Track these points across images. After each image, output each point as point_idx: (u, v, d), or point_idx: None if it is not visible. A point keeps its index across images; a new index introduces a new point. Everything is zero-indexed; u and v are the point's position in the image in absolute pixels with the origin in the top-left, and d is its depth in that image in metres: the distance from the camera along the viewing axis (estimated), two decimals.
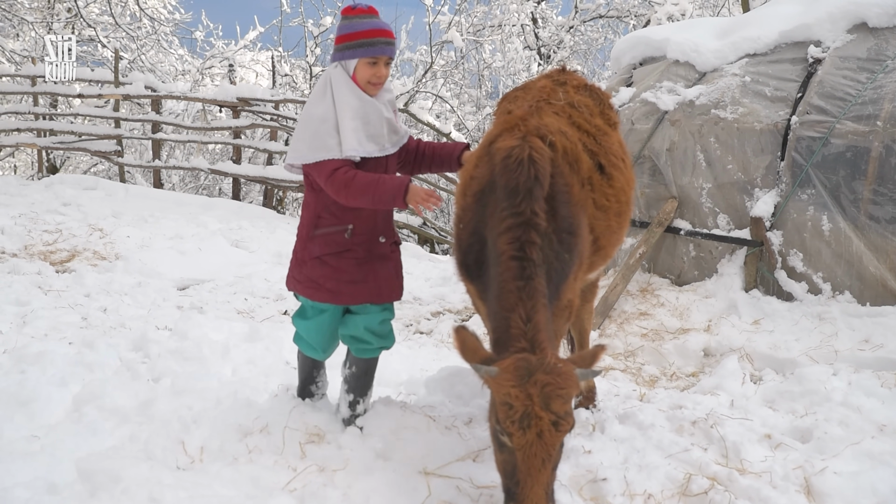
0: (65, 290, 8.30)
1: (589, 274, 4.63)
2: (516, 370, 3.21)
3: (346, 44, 4.04)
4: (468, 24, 25.60)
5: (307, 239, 4.23)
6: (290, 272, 4.39)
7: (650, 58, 10.47)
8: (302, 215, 4.29)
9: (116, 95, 16.59)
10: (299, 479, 3.86)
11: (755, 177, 8.28)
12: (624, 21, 24.82)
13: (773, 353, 6.74)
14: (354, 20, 4.05)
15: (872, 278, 7.33)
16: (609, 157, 4.51)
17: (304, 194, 4.29)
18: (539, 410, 3.13)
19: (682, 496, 3.92)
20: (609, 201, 4.39)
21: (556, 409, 3.15)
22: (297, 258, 4.32)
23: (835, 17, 8.58)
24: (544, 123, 4.14)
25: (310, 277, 4.21)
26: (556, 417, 3.14)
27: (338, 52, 4.09)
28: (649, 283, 8.86)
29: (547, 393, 3.15)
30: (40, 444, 4.25)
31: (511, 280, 3.55)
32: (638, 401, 5.64)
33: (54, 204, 12.52)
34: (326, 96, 4.04)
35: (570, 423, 3.19)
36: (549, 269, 3.70)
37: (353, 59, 4.05)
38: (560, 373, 3.20)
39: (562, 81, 5.08)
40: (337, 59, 4.10)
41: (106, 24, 22.42)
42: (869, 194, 7.38)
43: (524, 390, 3.16)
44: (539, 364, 3.22)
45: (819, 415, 5.06)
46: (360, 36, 4.01)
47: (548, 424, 3.13)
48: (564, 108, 4.64)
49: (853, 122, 7.59)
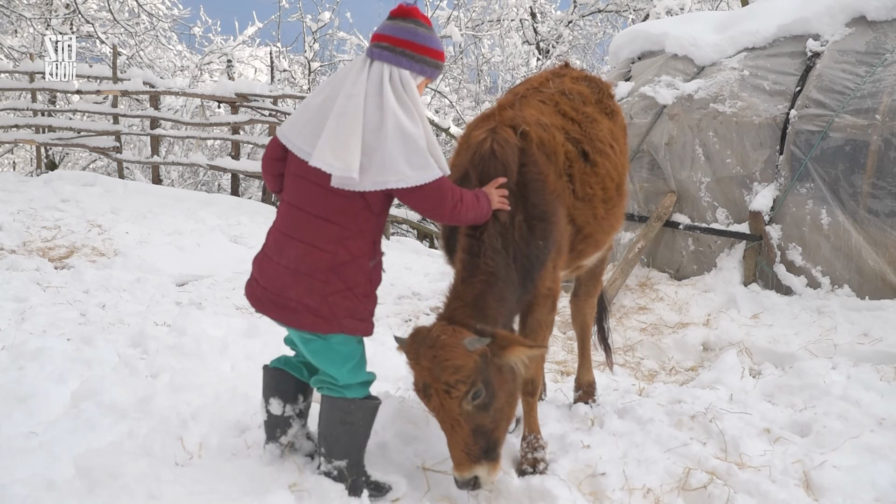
0: (63, 286, 8.29)
1: (581, 261, 4.64)
2: (412, 345, 3.58)
3: (427, 59, 3.63)
4: (467, 18, 25.57)
5: (368, 271, 3.65)
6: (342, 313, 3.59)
7: (649, 52, 10.47)
8: (350, 245, 3.57)
9: (115, 91, 16.56)
10: (298, 474, 3.86)
11: (754, 171, 8.27)
12: (622, 15, 24.78)
13: (772, 347, 6.74)
14: (433, 34, 3.68)
15: (871, 272, 7.33)
16: (594, 144, 4.51)
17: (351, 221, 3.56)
18: (433, 381, 3.50)
19: (681, 490, 3.92)
20: (593, 188, 4.40)
21: (446, 379, 3.45)
22: (356, 294, 3.61)
23: (833, 10, 8.58)
24: (521, 114, 4.23)
25: (372, 312, 3.73)
26: (446, 386, 3.47)
27: (414, 61, 3.60)
28: (648, 278, 8.86)
29: (435, 365, 3.47)
30: (38, 440, 4.25)
31: (459, 257, 3.84)
32: (637, 395, 5.64)
33: (53, 200, 12.50)
34: (412, 110, 3.54)
35: (460, 389, 3.46)
36: (518, 255, 3.85)
37: (422, 76, 3.67)
38: (444, 345, 3.47)
39: (561, 74, 5.14)
40: (409, 68, 3.59)
41: (104, 20, 22.39)
42: (868, 188, 7.38)
43: (419, 363, 3.55)
44: (426, 338, 3.53)
45: (818, 409, 5.06)
46: (440, 57, 3.70)
47: (442, 393, 3.49)
48: (553, 95, 4.70)
49: (852, 116, 7.58)
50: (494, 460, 3.62)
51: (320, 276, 3.54)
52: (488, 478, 3.62)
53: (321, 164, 3.42)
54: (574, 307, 5.41)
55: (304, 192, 3.61)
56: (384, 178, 3.43)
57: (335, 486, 3.71)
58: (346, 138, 3.41)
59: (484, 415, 3.57)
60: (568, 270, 4.67)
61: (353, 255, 3.58)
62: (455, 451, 3.57)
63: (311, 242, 3.56)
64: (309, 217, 3.58)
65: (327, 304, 3.54)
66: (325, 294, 3.53)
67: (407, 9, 3.67)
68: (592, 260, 4.86)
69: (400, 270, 11.15)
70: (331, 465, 3.73)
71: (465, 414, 3.52)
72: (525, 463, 4.07)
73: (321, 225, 3.55)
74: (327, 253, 3.54)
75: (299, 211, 3.62)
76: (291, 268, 3.58)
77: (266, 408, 3.96)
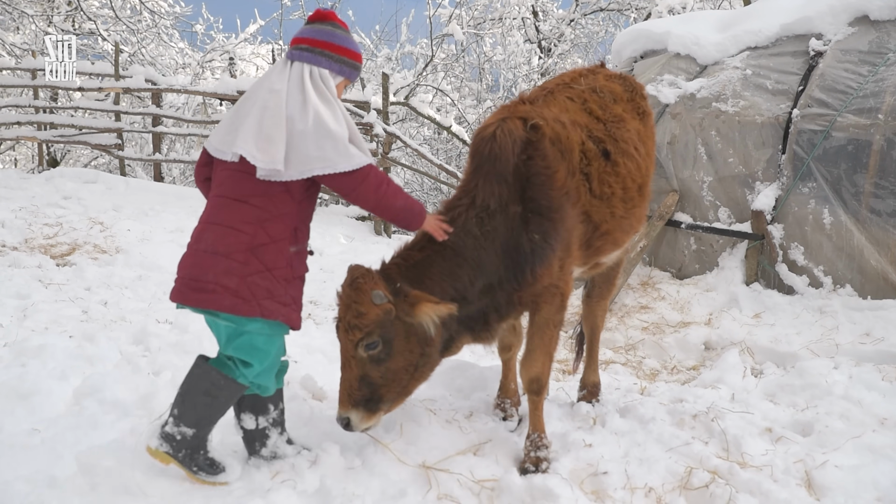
0: (65, 283, 8.29)
1: (599, 258, 4.66)
2: (347, 276, 3.81)
3: (345, 59, 3.79)
4: (469, 17, 25.53)
5: (288, 254, 3.67)
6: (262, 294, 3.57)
7: (651, 51, 10.46)
8: (269, 227, 3.61)
9: (117, 89, 16.54)
10: (299, 472, 3.86)
11: (756, 170, 8.27)
12: (625, 14, 24.75)
13: (773, 347, 6.74)
14: (350, 36, 3.84)
15: (873, 272, 7.33)
16: (618, 145, 4.53)
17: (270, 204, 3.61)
18: (341, 315, 3.78)
19: (682, 490, 3.92)
20: (612, 187, 4.43)
21: (349, 319, 3.70)
22: (276, 276, 3.61)
23: (836, 10, 8.57)
24: (538, 110, 4.27)
25: (295, 298, 3.72)
26: (347, 326, 3.72)
27: (333, 61, 3.75)
28: (650, 277, 8.86)
29: (345, 303, 3.74)
30: (41, 437, 4.25)
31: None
32: (639, 394, 5.64)
33: (55, 197, 12.48)
34: (333, 104, 3.68)
35: (355, 335, 3.69)
36: (506, 246, 3.95)
37: (341, 76, 3.81)
38: (356, 287, 3.70)
39: (595, 71, 5.18)
40: (328, 68, 3.74)
41: (106, 18, 22.39)
42: (870, 187, 7.37)
43: (340, 297, 3.80)
44: (350, 277, 3.76)
45: (820, 408, 5.06)
46: (358, 58, 3.85)
47: (343, 330, 3.75)
48: (582, 93, 4.73)
49: (854, 115, 7.58)
50: (372, 412, 3.81)
51: (239, 257, 3.54)
52: (360, 424, 3.78)
53: (244, 152, 3.52)
54: (586, 308, 5.41)
55: (224, 179, 3.69)
56: (310, 166, 3.54)
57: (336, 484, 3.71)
58: (271, 131, 3.53)
59: (374, 367, 3.76)
60: (586, 268, 4.68)
61: (273, 237, 3.61)
62: (341, 388, 3.79)
63: (229, 224, 3.59)
64: (228, 201, 3.63)
65: (246, 285, 3.53)
66: (244, 274, 3.53)
67: (324, 13, 3.84)
68: (611, 258, 4.86)
69: None
70: (177, 428, 3.63)
71: (357, 358, 3.74)
72: (528, 462, 4.07)
73: (239, 207, 3.61)
74: (245, 234, 3.57)
75: (219, 198, 3.68)
76: (210, 251, 3.58)
77: (240, 425, 3.94)
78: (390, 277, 3.79)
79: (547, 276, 4.06)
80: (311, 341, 6.59)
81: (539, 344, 4.20)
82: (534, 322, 4.23)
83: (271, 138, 3.51)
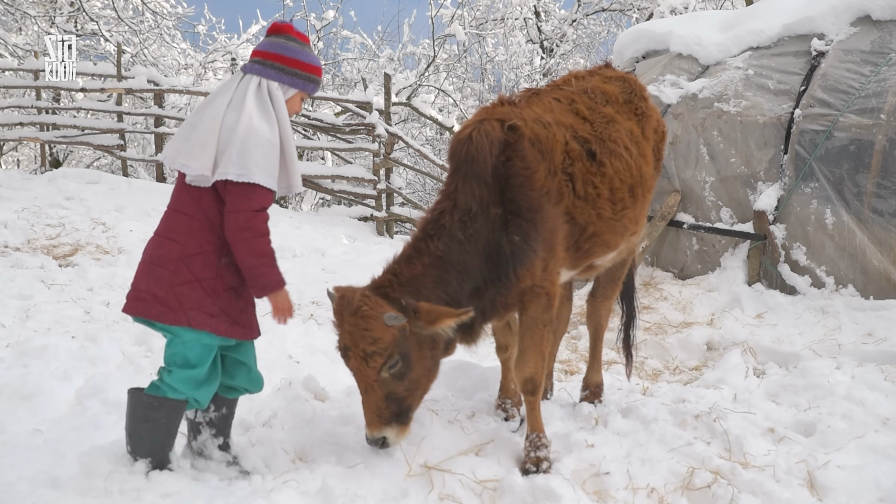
0: (68, 284, 8.30)
1: (590, 260, 4.61)
2: (337, 306, 3.78)
3: (297, 71, 3.74)
4: (471, 17, 25.53)
5: (217, 265, 3.63)
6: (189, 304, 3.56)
7: (653, 51, 10.45)
8: (199, 236, 3.62)
9: (119, 89, 16.56)
10: (301, 473, 3.86)
11: (758, 170, 8.27)
12: (627, 14, 24.72)
13: (776, 347, 6.74)
14: (307, 50, 3.79)
15: (876, 272, 7.33)
16: (605, 145, 4.49)
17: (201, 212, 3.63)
18: (352, 346, 3.72)
19: (685, 490, 3.92)
20: (598, 188, 4.39)
21: (363, 347, 3.68)
22: (205, 287, 3.59)
23: (838, 10, 8.57)
24: (517, 111, 4.27)
25: (224, 311, 3.64)
26: (363, 354, 3.69)
27: (283, 73, 3.72)
28: (652, 277, 8.86)
29: (354, 332, 3.69)
30: (43, 438, 4.26)
31: (413, 234, 4.07)
32: (641, 395, 5.64)
33: (57, 198, 12.49)
34: (272, 117, 3.65)
35: (377, 361, 3.69)
36: (488, 248, 3.96)
37: (293, 88, 3.76)
38: (364, 315, 3.65)
39: (594, 73, 5.17)
40: (278, 80, 3.71)
41: (108, 18, 22.38)
42: (872, 188, 7.37)
43: (341, 326, 3.77)
44: (349, 304, 3.70)
45: (822, 408, 5.06)
46: (313, 71, 3.79)
47: (359, 358, 3.72)
48: (571, 94, 4.72)
49: (857, 115, 7.57)
50: (404, 423, 3.89)
51: (170, 267, 3.58)
52: (396, 439, 3.90)
53: (179, 163, 3.59)
54: (590, 307, 5.40)
55: (173, 190, 3.79)
56: (225, 169, 3.51)
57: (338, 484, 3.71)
58: (205, 138, 3.56)
59: (398, 383, 3.80)
60: (578, 270, 4.66)
61: (203, 247, 3.61)
62: (368, 412, 3.81)
63: (165, 234, 3.68)
64: (168, 211, 3.74)
65: (174, 294, 3.55)
66: (173, 284, 3.56)
67: (280, 26, 3.84)
68: (606, 260, 4.82)
69: None
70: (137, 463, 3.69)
71: (380, 381, 3.76)
72: (528, 462, 4.07)
73: (175, 216, 3.70)
74: (178, 244, 3.62)
75: (167, 208, 3.77)
76: (147, 260, 3.67)
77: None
78: (389, 295, 3.77)
79: (529, 277, 4.06)
80: (313, 342, 6.60)
81: (530, 344, 4.20)
82: (522, 323, 4.24)
83: (204, 145, 3.55)
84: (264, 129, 3.58)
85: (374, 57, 26.92)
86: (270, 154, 3.57)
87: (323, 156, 20.08)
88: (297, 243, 11.73)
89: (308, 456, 4.15)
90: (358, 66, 27.45)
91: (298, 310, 8.48)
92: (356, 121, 15.89)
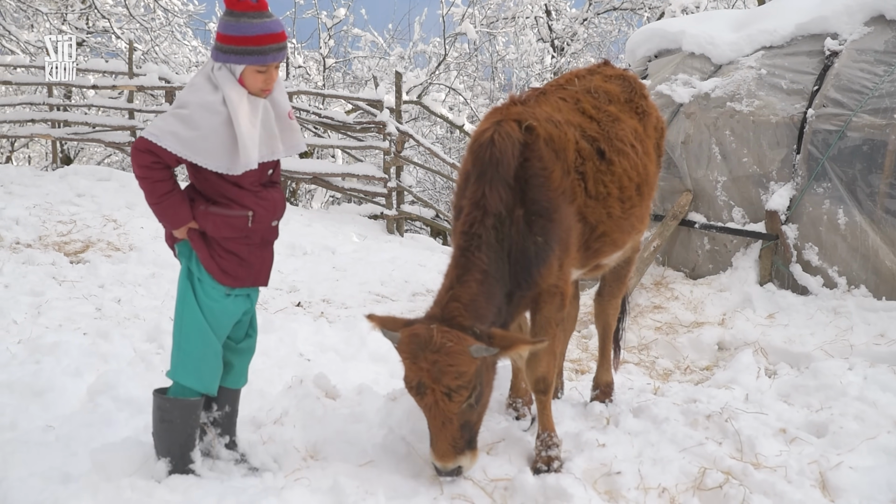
0: (79, 280, 8.33)
1: (599, 259, 4.63)
2: (409, 344, 3.65)
3: (231, 47, 3.57)
4: (482, 16, 25.55)
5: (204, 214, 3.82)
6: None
7: (665, 50, 10.41)
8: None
9: (130, 86, 16.60)
10: (313, 471, 3.87)
11: (770, 170, 8.24)
12: (638, 13, 24.69)
13: (787, 348, 6.72)
14: (243, 20, 3.55)
15: (888, 272, 7.29)
16: (613, 143, 4.50)
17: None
18: (431, 383, 3.60)
19: (696, 490, 3.91)
20: (608, 187, 4.40)
21: (447, 383, 3.58)
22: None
23: (852, 9, 8.52)
24: (531, 110, 4.26)
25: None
26: (447, 389, 3.59)
27: (222, 53, 3.60)
28: (663, 277, 8.84)
29: (436, 369, 3.57)
30: (55, 434, 4.28)
31: (454, 252, 3.96)
32: (652, 394, 5.62)
33: (68, 195, 12.53)
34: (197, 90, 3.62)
35: (462, 395, 3.62)
36: (513, 250, 3.93)
37: (238, 65, 3.59)
38: (449, 352, 3.56)
39: (595, 71, 5.16)
40: (221, 61, 3.61)
41: (120, 16, 22.42)
42: (885, 188, 7.34)
43: (416, 364, 3.62)
44: (428, 341, 3.59)
45: (834, 409, 5.04)
46: (249, 42, 3.55)
47: (440, 395, 3.61)
48: (575, 93, 4.71)
49: (870, 115, 7.54)
50: (475, 448, 3.84)
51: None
52: (471, 464, 3.83)
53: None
54: (597, 307, 5.40)
55: None
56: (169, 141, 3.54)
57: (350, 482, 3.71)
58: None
59: (473, 411, 3.77)
60: (585, 269, 4.66)
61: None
62: (441, 443, 3.71)
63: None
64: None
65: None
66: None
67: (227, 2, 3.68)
68: (612, 259, 4.83)
69: (414, 267, 11.16)
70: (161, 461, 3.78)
71: (460, 413, 3.69)
72: (540, 461, 4.07)
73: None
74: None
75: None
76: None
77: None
78: (463, 325, 3.69)
79: (548, 277, 4.07)
80: (323, 339, 6.60)
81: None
82: (535, 322, 4.24)
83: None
84: (185, 94, 3.64)
85: (384, 55, 26.95)
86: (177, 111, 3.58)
87: (333, 154, 20.09)
88: (308, 241, 11.76)
89: (319, 454, 4.16)
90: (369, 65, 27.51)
91: (309, 307, 8.50)
92: (367, 119, 15.91)
